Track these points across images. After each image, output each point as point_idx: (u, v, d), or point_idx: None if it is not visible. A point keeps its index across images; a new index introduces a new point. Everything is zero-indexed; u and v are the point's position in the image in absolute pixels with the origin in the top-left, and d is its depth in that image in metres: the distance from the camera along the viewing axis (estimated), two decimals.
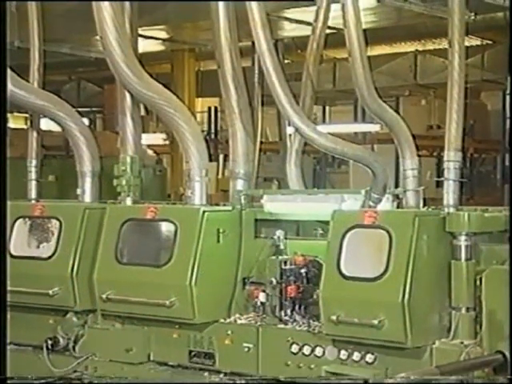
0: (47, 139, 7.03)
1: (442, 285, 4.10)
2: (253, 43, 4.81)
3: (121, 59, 4.65)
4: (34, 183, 5.92)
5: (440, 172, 4.49)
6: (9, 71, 4.56)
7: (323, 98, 17.39)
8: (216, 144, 17.08)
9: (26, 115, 6.35)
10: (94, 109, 18.03)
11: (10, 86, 4.59)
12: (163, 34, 10.63)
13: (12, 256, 5.00)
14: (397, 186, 5.03)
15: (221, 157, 16.47)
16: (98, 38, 4.81)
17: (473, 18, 5.53)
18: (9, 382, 4.02)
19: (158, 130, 15.66)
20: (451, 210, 4.29)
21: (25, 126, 9.53)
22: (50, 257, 5.02)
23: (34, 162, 5.94)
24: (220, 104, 16.48)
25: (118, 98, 5.40)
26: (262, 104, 9.45)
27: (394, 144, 4.89)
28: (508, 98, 13.32)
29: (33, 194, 5.92)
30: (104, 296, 4.77)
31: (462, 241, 4.08)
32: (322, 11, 5.71)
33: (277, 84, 4.64)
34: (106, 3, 4.45)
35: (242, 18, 4.89)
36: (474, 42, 12.87)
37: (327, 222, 4.37)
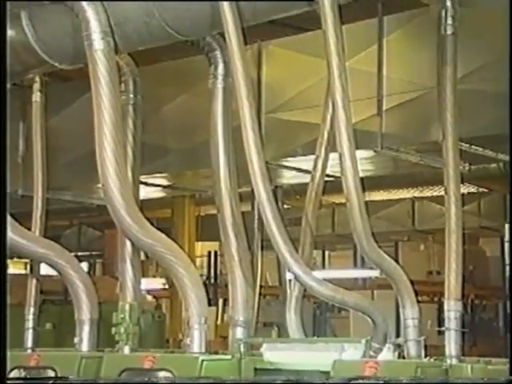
0: (46, 284, 7.01)
1: None
2: (252, 189, 4.89)
3: (122, 207, 4.71)
4: (30, 332, 5.86)
5: (441, 319, 4.46)
6: (10, 219, 4.62)
7: (322, 243, 17.46)
8: (216, 288, 16.99)
9: (26, 260, 6.37)
10: (93, 253, 18.09)
11: (11, 235, 4.63)
12: (164, 181, 10.83)
13: None
14: (398, 333, 4.97)
15: (220, 301, 16.36)
16: (99, 185, 4.90)
17: (467, 168, 5.66)
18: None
19: (157, 275, 15.65)
20: (453, 361, 4.23)
21: (24, 271, 9.50)
22: None
23: (32, 310, 5.91)
24: (220, 248, 16.54)
25: (119, 244, 5.45)
26: (262, 248, 9.49)
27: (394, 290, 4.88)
28: (507, 245, 13.40)
29: (29, 343, 5.85)
30: None
31: None
32: (320, 161, 5.83)
33: (276, 233, 4.68)
34: (110, 155, 4.56)
35: (242, 167, 4.99)
36: (470, 189, 13.08)
37: (328, 372, 4.29)
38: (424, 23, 7.56)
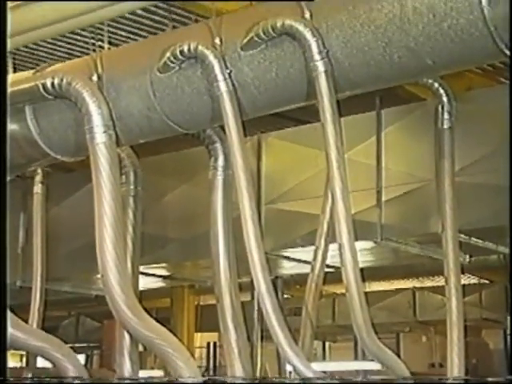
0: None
1: None
2: (252, 280, 4.87)
3: (121, 299, 4.68)
4: None
5: None
6: (9, 313, 4.59)
7: (323, 333, 17.29)
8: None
9: (22, 352, 6.31)
10: (91, 344, 17.87)
11: (9, 329, 4.60)
12: (164, 272, 10.79)
13: None
14: None
15: None
16: (99, 276, 4.88)
17: (468, 259, 5.67)
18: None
19: (155, 366, 15.42)
20: None
21: (19, 364, 9.36)
22: None
23: None
24: (219, 338, 16.34)
25: (117, 338, 5.39)
26: (262, 339, 9.39)
27: None
28: (509, 338, 13.25)
29: None
30: None
31: None
32: (320, 251, 5.84)
33: (276, 325, 4.63)
34: (110, 246, 4.56)
35: (242, 257, 4.98)
36: (471, 280, 13.03)
37: None
38: (421, 116, 7.68)
